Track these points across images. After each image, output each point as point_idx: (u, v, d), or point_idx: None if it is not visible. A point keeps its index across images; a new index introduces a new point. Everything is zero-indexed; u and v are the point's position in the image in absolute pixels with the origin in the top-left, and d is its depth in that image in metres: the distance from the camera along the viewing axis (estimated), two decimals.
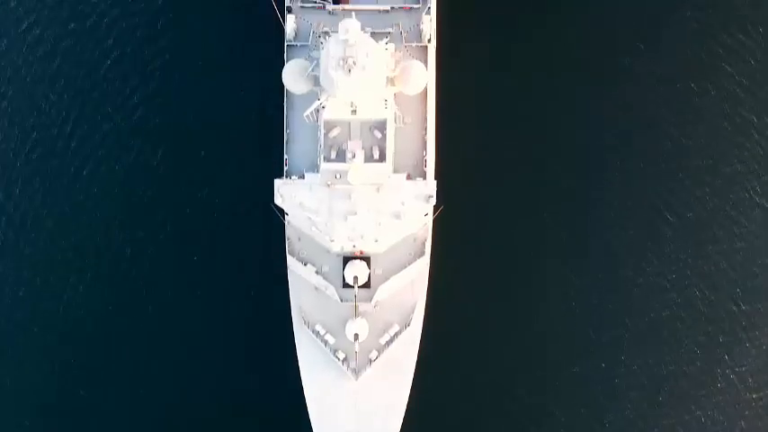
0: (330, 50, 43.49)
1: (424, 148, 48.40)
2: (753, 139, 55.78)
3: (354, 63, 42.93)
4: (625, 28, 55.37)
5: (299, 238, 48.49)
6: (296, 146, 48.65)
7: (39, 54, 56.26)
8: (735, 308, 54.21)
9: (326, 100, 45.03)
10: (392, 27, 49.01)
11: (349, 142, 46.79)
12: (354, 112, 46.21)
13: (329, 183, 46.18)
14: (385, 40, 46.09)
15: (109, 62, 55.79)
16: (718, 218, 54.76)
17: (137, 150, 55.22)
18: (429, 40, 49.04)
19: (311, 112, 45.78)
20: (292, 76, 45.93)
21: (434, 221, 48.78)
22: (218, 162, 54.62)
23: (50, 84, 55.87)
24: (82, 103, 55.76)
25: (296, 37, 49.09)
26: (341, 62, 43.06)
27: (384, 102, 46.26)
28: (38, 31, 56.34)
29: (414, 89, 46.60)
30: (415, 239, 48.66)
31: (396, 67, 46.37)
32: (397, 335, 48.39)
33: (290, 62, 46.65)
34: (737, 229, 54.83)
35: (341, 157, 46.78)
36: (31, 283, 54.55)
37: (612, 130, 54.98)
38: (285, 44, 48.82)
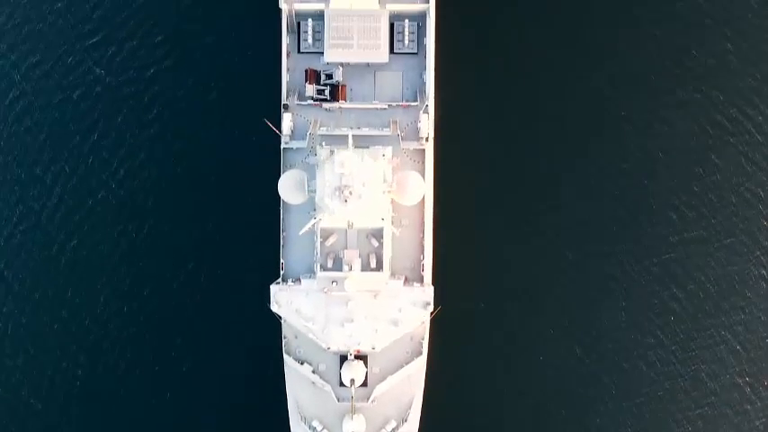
0: (326, 179, 43.46)
1: (422, 251, 48.25)
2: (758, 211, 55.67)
3: (351, 193, 42.68)
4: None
5: (296, 336, 48.67)
6: (292, 249, 48.44)
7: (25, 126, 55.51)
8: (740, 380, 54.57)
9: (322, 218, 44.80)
10: (389, 125, 48.13)
11: (345, 251, 46.77)
12: (351, 225, 46.01)
13: (326, 290, 45.99)
14: (382, 154, 45.45)
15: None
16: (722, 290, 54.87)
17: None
18: (427, 139, 48.21)
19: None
20: (288, 188, 45.94)
21: (432, 320, 48.75)
22: (212, 264, 54.63)
23: (37, 156, 55.19)
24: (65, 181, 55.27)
25: (292, 135, 48.28)
26: (337, 192, 42.58)
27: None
28: (25, 103, 55.51)
29: (411, 201, 46.58)
30: (412, 338, 48.89)
31: (393, 177, 45.94)
32: (394, 431, 48.63)
33: (285, 174, 46.43)
34: (742, 302, 55.02)
35: (337, 264, 46.99)
36: None
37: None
38: (282, 146, 48.02)
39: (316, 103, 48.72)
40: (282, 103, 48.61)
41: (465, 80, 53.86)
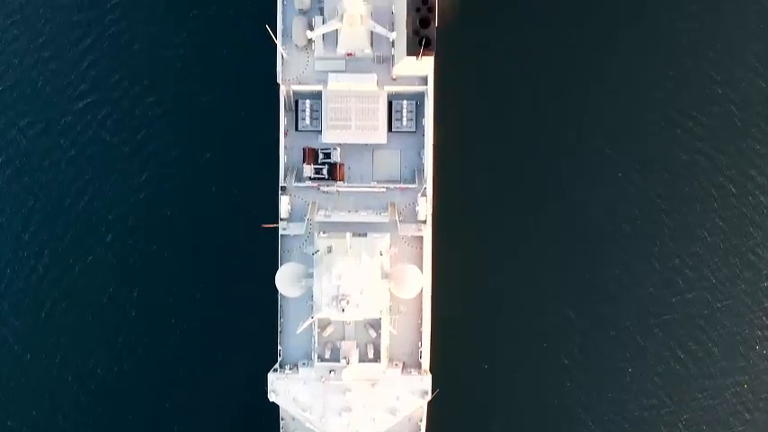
0: (323, 288, 43.44)
1: (420, 338, 48.09)
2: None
3: (348, 302, 42.61)
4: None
5: (293, 418, 48.86)
6: (290, 336, 48.34)
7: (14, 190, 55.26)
8: None
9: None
10: (387, 208, 47.90)
11: (343, 342, 46.64)
12: (349, 321, 46.32)
13: (324, 379, 46.13)
14: (380, 252, 45.13)
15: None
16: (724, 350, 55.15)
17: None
18: (425, 221, 47.81)
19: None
20: (285, 282, 45.79)
21: (429, 402, 48.89)
22: (208, 351, 54.51)
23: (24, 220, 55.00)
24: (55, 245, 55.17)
25: (290, 218, 48.03)
26: (334, 302, 42.53)
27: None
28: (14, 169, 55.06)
29: (409, 294, 46.38)
30: (410, 419, 49.05)
31: (391, 267, 45.70)
32: None
33: (282, 268, 46.19)
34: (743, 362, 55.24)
35: (335, 354, 47.06)
36: None
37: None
38: (279, 232, 47.61)
39: (314, 184, 47.85)
40: (280, 185, 47.95)
41: (464, 164, 53.59)
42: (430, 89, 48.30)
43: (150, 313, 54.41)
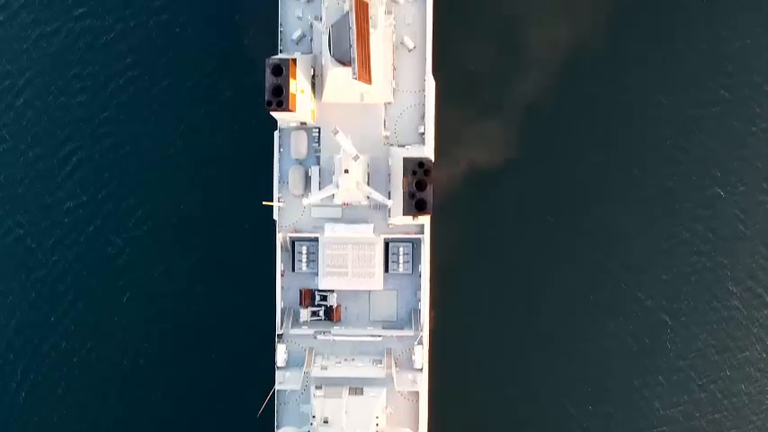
0: None
1: None
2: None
3: None
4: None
5: None
6: None
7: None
8: None
9: None
10: (384, 353, 48.72)
11: None
12: None
13: None
14: (375, 423, 45.99)
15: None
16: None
17: None
18: (421, 370, 48.53)
19: None
20: None
21: None
22: None
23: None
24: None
25: (287, 365, 48.83)
26: None
27: None
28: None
29: None
30: None
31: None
32: None
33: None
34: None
35: None
36: None
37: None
38: (275, 387, 48.45)
39: (310, 331, 48.54)
40: (277, 332, 48.40)
41: (462, 311, 53.97)
42: (426, 236, 48.16)
43: None
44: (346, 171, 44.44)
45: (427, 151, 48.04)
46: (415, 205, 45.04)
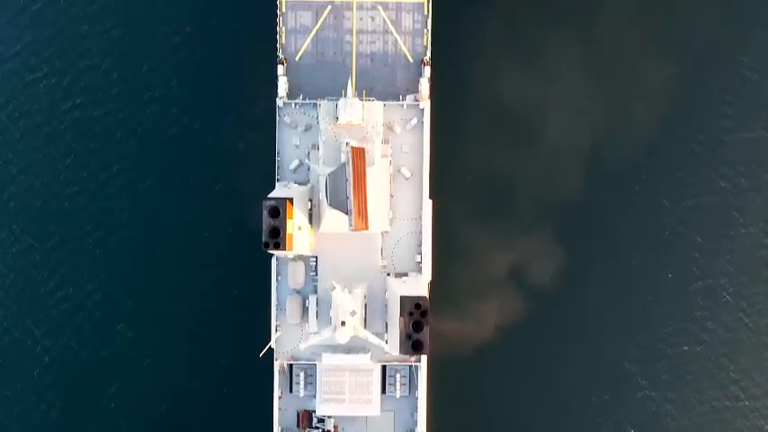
0: None
1: None
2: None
3: None
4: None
5: None
6: None
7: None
8: None
9: None
10: None
11: None
12: None
13: None
14: None
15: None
16: None
17: None
18: None
19: None
20: None
21: None
22: None
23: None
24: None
25: None
26: None
27: None
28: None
29: None
30: None
31: None
32: None
33: None
34: None
35: None
36: None
37: None
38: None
39: None
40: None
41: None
42: (423, 365, 48.55)
43: None
44: (343, 323, 44.38)
45: (425, 280, 47.93)
46: (411, 346, 45.11)
